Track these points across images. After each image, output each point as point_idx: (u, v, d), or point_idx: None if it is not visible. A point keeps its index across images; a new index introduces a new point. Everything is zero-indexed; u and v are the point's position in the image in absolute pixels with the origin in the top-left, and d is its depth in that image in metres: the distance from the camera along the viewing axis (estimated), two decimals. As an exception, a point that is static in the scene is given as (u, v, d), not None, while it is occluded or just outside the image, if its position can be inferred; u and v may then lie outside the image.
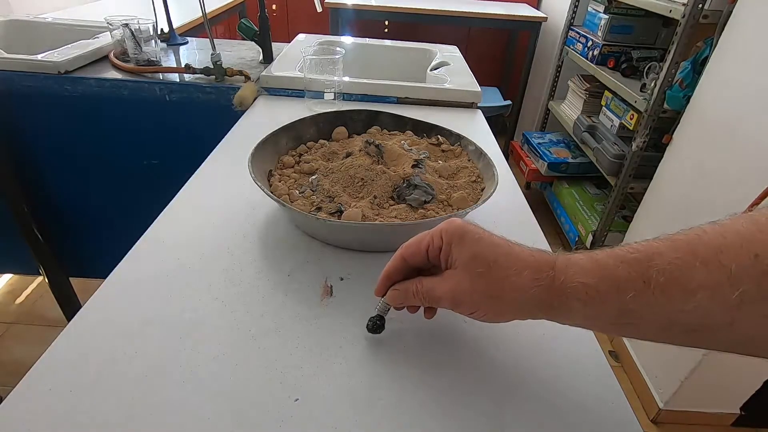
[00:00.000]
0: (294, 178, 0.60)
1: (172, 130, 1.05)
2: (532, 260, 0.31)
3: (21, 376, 0.36)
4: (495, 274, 0.31)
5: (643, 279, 0.26)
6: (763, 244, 0.24)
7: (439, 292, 0.34)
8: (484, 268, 0.32)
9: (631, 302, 0.27)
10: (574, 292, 0.29)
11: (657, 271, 0.26)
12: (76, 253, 1.28)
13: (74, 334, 0.40)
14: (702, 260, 0.25)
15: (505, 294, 0.31)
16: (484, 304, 0.32)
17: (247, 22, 1.08)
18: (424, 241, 0.35)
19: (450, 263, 0.34)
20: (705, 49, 1.25)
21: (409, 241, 0.37)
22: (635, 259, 0.27)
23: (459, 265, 0.33)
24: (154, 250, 0.51)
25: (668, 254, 0.26)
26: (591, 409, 0.38)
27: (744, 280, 0.24)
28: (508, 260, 0.31)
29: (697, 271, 0.25)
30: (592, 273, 0.29)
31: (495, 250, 0.32)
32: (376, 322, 0.41)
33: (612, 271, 0.28)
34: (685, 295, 0.25)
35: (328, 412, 0.35)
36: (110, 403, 0.35)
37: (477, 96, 0.99)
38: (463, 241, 0.33)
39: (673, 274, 0.25)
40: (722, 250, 0.25)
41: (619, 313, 0.28)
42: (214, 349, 0.40)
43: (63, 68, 0.98)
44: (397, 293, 0.38)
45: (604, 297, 0.28)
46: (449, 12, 2.20)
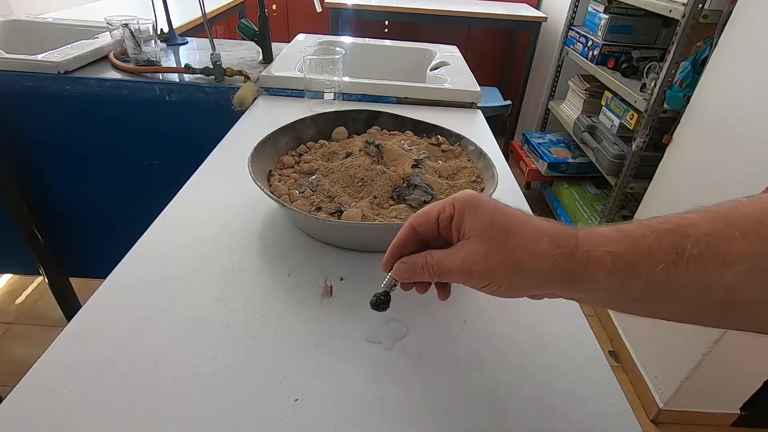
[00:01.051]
0: (294, 178, 0.60)
1: (172, 130, 1.05)
2: (552, 229, 0.29)
3: (21, 376, 0.36)
4: (513, 242, 0.29)
5: (676, 250, 0.25)
6: None
7: (450, 262, 0.32)
8: (501, 236, 0.29)
9: (661, 274, 0.25)
10: (598, 261, 0.27)
11: (692, 242, 0.24)
12: (76, 253, 1.28)
13: (74, 334, 0.40)
14: (741, 232, 0.24)
15: (524, 263, 0.29)
16: (500, 274, 0.30)
17: (247, 22, 1.08)
18: (435, 210, 0.33)
19: (462, 233, 0.32)
20: (705, 49, 1.25)
21: (420, 210, 0.34)
22: (667, 229, 0.26)
23: (473, 234, 0.30)
24: (154, 250, 0.51)
25: (703, 225, 0.25)
26: (591, 409, 0.38)
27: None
28: (526, 228, 0.29)
29: (736, 243, 0.24)
30: (618, 242, 0.27)
31: (512, 218, 0.30)
32: (380, 298, 0.37)
33: (641, 240, 0.26)
34: (721, 268, 0.24)
35: (328, 412, 0.35)
36: (110, 403, 0.35)
37: (477, 96, 0.99)
38: (477, 210, 0.31)
39: (709, 245, 0.24)
40: (763, 221, 0.24)
41: (646, 285, 0.26)
42: (214, 350, 0.40)
43: (63, 68, 0.98)
44: (405, 266, 0.34)
45: (631, 267, 0.26)
46: (449, 12, 2.19)
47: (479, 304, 0.47)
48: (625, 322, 1.50)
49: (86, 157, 1.10)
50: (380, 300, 0.37)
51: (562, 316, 0.46)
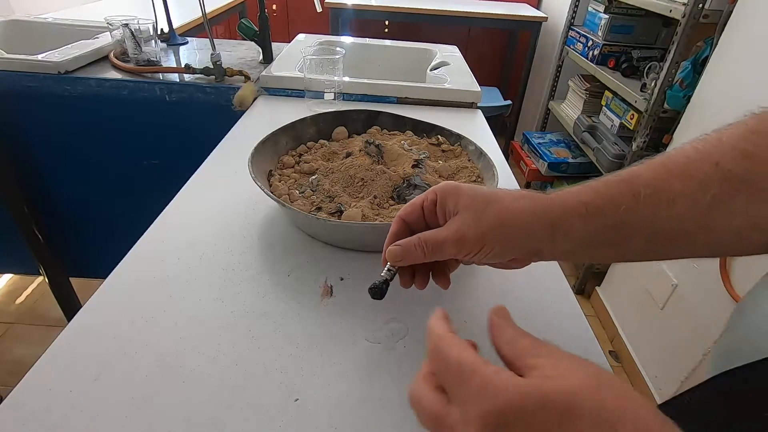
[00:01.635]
0: (294, 178, 0.60)
1: (172, 130, 1.05)
2: (525, 192, 0.34)
3: (21, 376, 0.36)
4: (498, 205, 0.33)
5: (632, 193, 0.30)
6: (720, 153, 0.29)
7: (442, 235, 0.34)
8: (486, 204, 0.33)
9: (624, 214, 0.30)
10: (573, 209, 0.31)
11: (643, 186, 0.30)
12: (76, 253, 1.28)
13: (74, 334, 0.40)
14: (675, 175, 0.30)
15: (511, 219, 0.32)
16: (491, 236, 0.32)
17: (247, 22, 1.08)
18: (419, 200, 0.36)
19: (448, 213, 0.35)
20: (705, 49, 1.25)
21: (405, 205, 0.37)
22: (622, 180, 0.31)
23: (459, 209, 0.34)
24: (154, 250, 0.51)
25: (646, 174, 0.31)
26: (591, 409, 0.37)
27: (711, 185, 0.29)
28: (505, 194, 0.34)
29: (674, 183, 0.30)
30: (586, 194, 0.32)
31: (490, 191, 0.34)
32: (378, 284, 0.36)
33: (604, 190, 0.31)
34: (668, 204, 0.30)
35: (328, 412, 0.35)
36: (110, 404, 0.35)
37: (477, 96, 0.99)
38: (458, 191, 0.34)
39: (655, 188, 0.30)
40: (689, 164, 0.30)
41: (614, 226, 0.31)
42: (214, 350, 0.40)
43: (63, 68, 0.98)
44: (398, 248, 0.36)
45: (601, 211, 0.31)
46: (449, 12, 2.19)
47: (479, 304, 0.47)
48: (625, 322, 1.50)
49: (86, 157, 1.10)
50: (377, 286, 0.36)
51: (562, 316, 0.46)
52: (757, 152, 0.29)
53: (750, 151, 0.29)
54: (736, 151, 0.29)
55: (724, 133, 0.31)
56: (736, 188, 0.28)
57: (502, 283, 0.50)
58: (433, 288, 0.48)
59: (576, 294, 1.33)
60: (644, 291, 1.37)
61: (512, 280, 0.50)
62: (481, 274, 0.51)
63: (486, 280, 0.50)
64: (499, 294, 0.48)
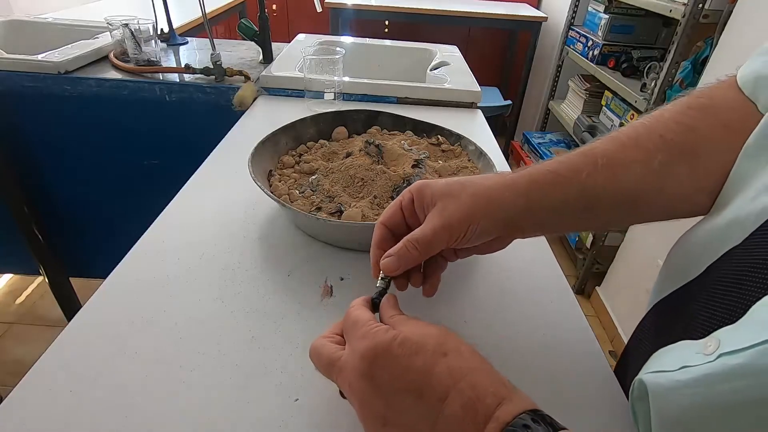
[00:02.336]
0: (294, 178, 0.60)
1: (172, 130, 1.05)
2: (496, 173, 0.37)
3: (21, 376, 0.36)
4: (473, 187, 0.35)
5: (591, 162, 0.34)
6: (663, 127, 0.34)
7: (430, 228, 0.34)
8: (461, 188, 0.35)
9: (586, 179, 0.34)
10: (542, 177, 0.34)
11: (600, 156, 0.34)
12: (76, 253, 1.28)
13: (74, 334, 0.40)
14: (627, 146, 0.34)
15: (488, 193, 0.34)
16: (474, 211, 0.34)
17: (247, 22, 1.08)
18: (395, 203, 0.37)
19: (426, 207, 0.36)
20: (705, 49, 1.25)
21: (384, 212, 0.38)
22: (581, 152, 0.35)
23: (437, 198, 0.35)
24: (154, 250, 0.51)
25: (602, 146, 0.35)
26: (591, 409, 0.38)
27: (658, 153, 0.33)
28: (474, 177, 0.36)
29: (627, 152, 0.34)
30: (551, 164, 0.35)
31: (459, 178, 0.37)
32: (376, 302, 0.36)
33: (566, 161, 0.35)
34: (623, 169, 0.33)
35: (328, 412, 0.35)
36: (110, 403, 0.35)
37: (477, 96, 0.99)
38: (431, 185, 0.36)
39: (611, 157, 0.34)
40: (638, 137, 0.34)
41: (579, 193, 0.34)
42: (214, 349, 0.40)
43: (63, 68, 0.98)
44: (391, 258, 0.36)
45: (565, 178, 0.34)
46: (449, 12, 2.19)
47: (479, 305, 0.47)
48: (625, 322, 1.50)
49: (86, 157, 1.10)
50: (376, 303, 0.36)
51: (562, 316, 0.46)
52: (697, 126, 0.33)
53: (691, 125, 0.33)
54: (678, 125, 0.33)
55: (665, 111, 0.35)
56: (678, 157, 0.33)
57: (502, 282, 0.50)
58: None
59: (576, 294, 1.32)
60: (644, 291, 1.37)
61: (512, 280, 0.50)
62: (480, 275, 0.51)
63: (485, 280, 0.50)
64: (498, 294, 0.48)
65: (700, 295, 0.31)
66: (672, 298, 0.35)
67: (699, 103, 0.34)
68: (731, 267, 0.29)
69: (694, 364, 0.26)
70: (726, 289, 0.28)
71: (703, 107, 0.34)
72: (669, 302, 0.36)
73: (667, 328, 0.35)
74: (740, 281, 0.27)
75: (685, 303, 0.33)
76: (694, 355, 0.26)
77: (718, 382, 0.24)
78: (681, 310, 0.33)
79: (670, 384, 0.27)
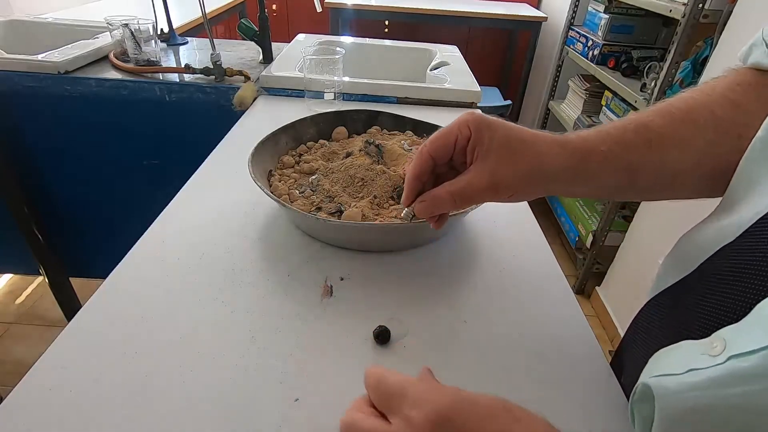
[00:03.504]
0: (294, 178, 0.60)
1: (172, 130, 1.05)
2: (553, 135, 0.35)
3: (21, 376, 0.36)
4: (531, 149, 0.34)
5: (645, 140, 0.34)
6: (714, 102, 0.34)
7: (476, 184, 0.34)
8: (522, 145, 0.34)
9: (638, 158, 0.34)
10: (595, 155, 0.34)
11: (654, 133, 0.34)
12: (76, 253, 1.28)
13: (74, 334, 0.40)
14: (679, 120, 0.34)
15: (545, 168, 0.34)
16: (525, 182, 0.34)
17: (247, 22, 1.08)
18: (451, 134, 0.35)
19: (478, 153, 0.34)
20: (705, 49, 1.25)
21: (432, 137, 0.36)
22: (636, 128, 0.34)
23: (495, 147, 0.34)
24: (154, 250, 0.51)
25: (656, 120, 0.34)
26: (591, 408, 0.38)
27: (707, 130, 0.33)
28: (535, 137, 0.35)
29: (679, 128, 0.34)
30: (605, 142, 0.34)
31: (522, 129, 0.35)
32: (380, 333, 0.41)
33: (621, 137, 0.34)
34: (672, 147, 0.34)
35: (328, 412, 0.35)
36: (110, 403, 0.35)
37: (477, 96, 0.99)
38: (492, 127, 0.34)
39: (663, 134, 0.34)
40: (690, 111, 0.34)
41: (626, 168, 0.34)
42: (214, 349, 0.40)
43: (63, 68, 0.98)
44: (427, 204, 0.36)
45: (619, 156, 0.34)
46: (449, 12, 2.19)
47: (479, 305, 0.47)
48: (625, 322, 1.50)
49: (86, 157, 1.10)
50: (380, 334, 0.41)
51: (562, 316, 0.46)
52: (742, 102, 0.33)
53: (738, 100, 0.33)
54: (726, 100, 0.34)
55: (716, 84, 0.35)
56: (725, 134, 0.33)
57: (502, 282, 0.50)
58: (433, 288, 0.48)
59: (576, 294, 1.32)
60: (644, 291, 1.36)
61: (512, 280, 0.50)
62: (480, 275, 0.51)
63: (485, 280, 0.50)
64: (498, 294, 0.48)
65: (695, 290, 0.31)
66: (666, 294, 0.35)
67: (744, 81, 0.34)
68: (727, 263, 0.29)
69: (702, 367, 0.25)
70: (723, 285, 0.28)
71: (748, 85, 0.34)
72: (663, 298, 0.36)
73: (662, 323, 0.35)
74: (738, 278, 0.27)
75: (680, 299, 0.33)
76: (700, 357, 0.26)
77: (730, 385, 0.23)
78: (676, 305, 0.33)
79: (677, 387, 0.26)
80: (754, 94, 0.33)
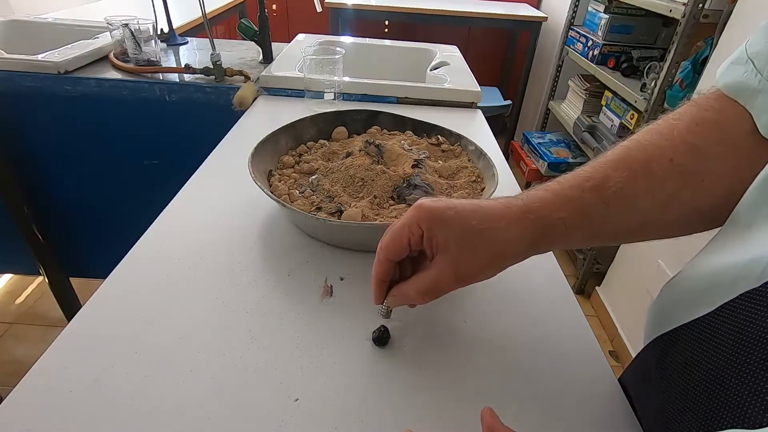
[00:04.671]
0: (294, 178, 0.60)
1: (172, 130, 1.05)
2: (509, 212, 0.34)
3: (21, 376, 0.36)
4: (489, 237, 0.33)
5: (603, 202, 0.33)
6: (673, 149, 0.32)
7: (441, 279, 0.34)
8: (478, 238, 0.33)
9: (597, 224, 0.33)
10: (553, 228, 0.33)
11: (611, 193, 0.33)
12: (76, 253, 1.28)
13: (74, 334, 0.40)
14: (638, 173, 0.32)
15: (504, 249, 0.34)
16: (488, 266, 0.34)
17: (247, 22, 1.08)
18: (403, 237, 0.35)
19: (436, 246, 0.34)
20: (705, 49, 1.25)
21: (385, 240, 0.36)
22: (593, 186, 0.33)
23: (452, 243, 0.33)
24: (154, 250, 0.51)
25: (614, 175, 0.33)
26: (591, 409, 0.38)
27: (668, 181, 0.32)
28: (492, 221, 0.33)
29: (638, 182, 0.32)
30: (563, 209, 0.33)
31: (475, 215, 0.34)
32: (383, 335, 0.41)
33: (579, 202, 0.33)
34: (632, 205, 0.33)
35: (328, 412, 0.35)
36: (110, 403, 0.35)
37: (477, 96, 0.99)
38: (444, 223, 0.33)
39: (623, 192, 0.32)
40: (649, 162, 0.33)
41: (589, 234, 0.34)
42: (214, 349, 0.40)
43: (63, 68, 0.98)
44: (397, 299, 0.38)
45: (577, 226, 0.33)
46: (449, 12, 2.19)
47: (479, 305, 0.47)
48: (625, 322, 1.50)
49: (86, 157, 1.10)
50: (382, 336, 0.41)
51: (562, 316, 0.46)
52: (702, 146, 0.32)
53: (697, 145, 0.32)
54: (685, 145, 0.32)
55: (674, 128, 0.33)
56: (686, 181, 0.32)
57: (502, 283, 0.50)
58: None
59: (576, 294, 1.32)
60: (644, 291, 1.37)
61: (512, 280, 0.50)
62: (481, 274, 0.51)
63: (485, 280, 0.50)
64: (498, 294, 0.48)
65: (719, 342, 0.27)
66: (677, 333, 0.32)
67: (705, 118, 0.33)
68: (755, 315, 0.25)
69: None
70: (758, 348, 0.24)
71: (710, 123, 0.32)
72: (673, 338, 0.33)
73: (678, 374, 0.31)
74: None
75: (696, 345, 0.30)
76: None
77: None
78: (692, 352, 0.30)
79: None
80: (716, 135, 0.32)
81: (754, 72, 0.31)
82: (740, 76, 0.31)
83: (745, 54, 0.32)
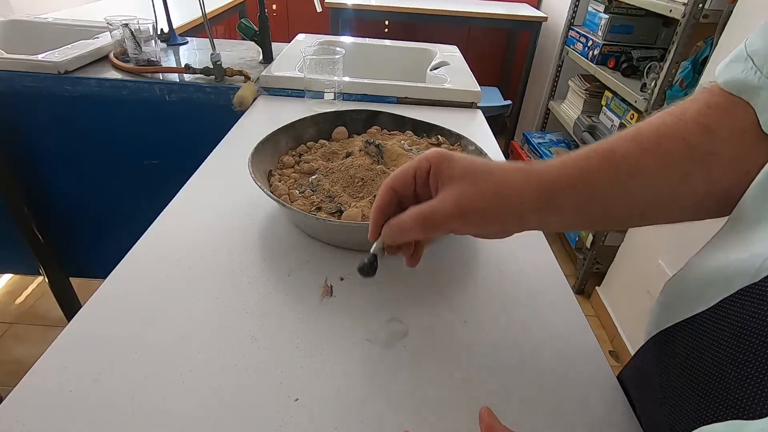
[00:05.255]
0: (294, 178, 0.60)
1: (172, 130, 1.05)
2: (515, 165, 0.34)
3: (21, 376, 0.36)
4: (495, 175, 0.33)
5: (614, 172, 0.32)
6: (685, 129, 0.32)
7: (441, 208, 0.33)
8: (487, 174, 0.33)
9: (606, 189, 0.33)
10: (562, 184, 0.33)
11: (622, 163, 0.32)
12: (76, 253, 1.28)
13: (74, 334, 0.40)
14: (649, 151, 0.32)
15: (510, 192, 0.33)
16: (493, 206, 0.33)
17: (247, 22, 1.08)
18: (410, 169, 0.35)
19: (441, 183, 0.33)
20: (705, 49, 1.25)
21: (394, 173, 0.36)
22: (602, 157, 0.33)
23: (456, 177, 0.33)
24: (154, 250, 0.51)
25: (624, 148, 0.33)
26: (591, 409, 0.38)
27: (681, 160, 0.31)
28: (497, 165, 0.34)
29: (649, 159, 0.32)
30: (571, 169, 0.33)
31: (481, 160, 0.34)
32: (366, 262, 0.37)
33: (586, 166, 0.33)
34: (643, 181, 0.32)
35: (328, 412, 0.35)
36: (110, 403, 0.35)
37: (477, 96, 0.99)
38: (452, 160, 0.34)
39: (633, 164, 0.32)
40: (660, 140, 0.32)
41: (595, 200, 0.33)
42: (214, 349, 0.40)
43: (63, 68, 0.98)
44: (393, 227, 0.35)
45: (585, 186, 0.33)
46: (449, 12, 2.19)
47: (479, 305, 0.47)
48: (625, 322, 1.50)
49: (86, 156, 1.10)
50: (365, 264, 0.37)
51: (562, 316, 0.46)
52: (715, 127, 0.31)
53: (710, 126, 0.31)
54: (698, 126, 0.32)
55: (686, 109, 0.33)
56: (697, 163, 0.31)
57: (501, 283, 0.50)
58: (434, 289, 0.48)
59: (576, 294, 1.33)
60: (644, 291, 1.37)
61: (512, 280, 0.50)
62: (480, 275, 0.51)
63: (485, 280, 0.50)
64: (498, 294, 0.48)
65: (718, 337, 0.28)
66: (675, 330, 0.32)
67: (717, 103, 0.32)
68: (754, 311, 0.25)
69: None
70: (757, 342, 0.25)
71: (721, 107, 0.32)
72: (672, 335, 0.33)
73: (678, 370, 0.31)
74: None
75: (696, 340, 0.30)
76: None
77: None
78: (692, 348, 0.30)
79: None
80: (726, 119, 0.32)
81: (754, 69, 0.31)
82: (739, 74, 0.31)
83: (744, 52, 0.32)
